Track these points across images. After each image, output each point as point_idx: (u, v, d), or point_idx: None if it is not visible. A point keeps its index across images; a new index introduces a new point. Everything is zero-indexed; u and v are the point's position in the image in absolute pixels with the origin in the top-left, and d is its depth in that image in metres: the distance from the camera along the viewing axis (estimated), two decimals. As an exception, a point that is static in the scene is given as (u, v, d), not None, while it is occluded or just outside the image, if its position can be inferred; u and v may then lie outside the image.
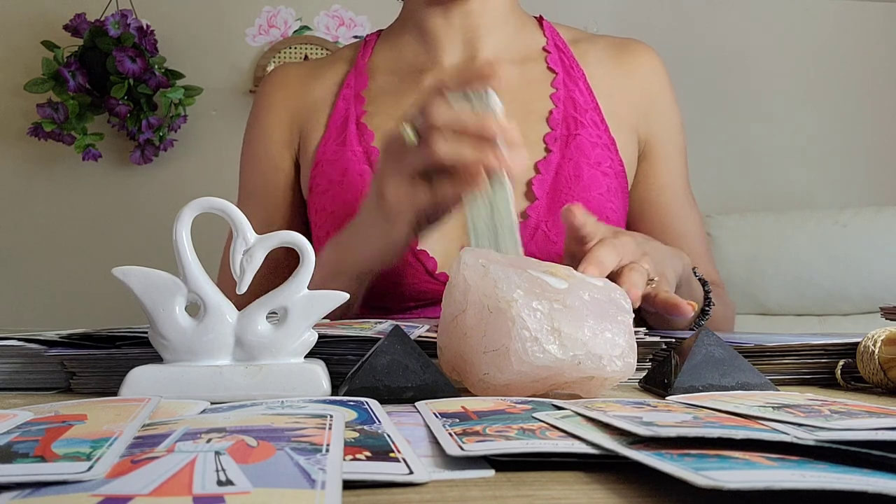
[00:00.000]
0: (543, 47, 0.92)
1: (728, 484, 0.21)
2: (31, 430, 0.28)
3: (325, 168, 0.86)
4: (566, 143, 0.85)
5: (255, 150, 0.96)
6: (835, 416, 0.30)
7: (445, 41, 0.89)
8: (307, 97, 0.93)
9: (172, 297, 0.40)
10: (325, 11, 2.36)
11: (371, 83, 0.90)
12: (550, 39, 0.93)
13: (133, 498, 0.20)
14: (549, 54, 0.91)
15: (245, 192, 0.97)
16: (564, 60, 0.91)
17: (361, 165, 0.84)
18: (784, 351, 0.51)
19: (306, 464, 0.23)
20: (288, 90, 0.94)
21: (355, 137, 0.86)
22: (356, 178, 0.83)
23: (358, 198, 0.82)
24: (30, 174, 2.26)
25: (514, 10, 0.92)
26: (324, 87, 0.92)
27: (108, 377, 0.46)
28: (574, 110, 0.87)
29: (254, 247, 0.42)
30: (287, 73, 0.97)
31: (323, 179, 0.86)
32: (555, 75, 0.90)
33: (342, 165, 0.85)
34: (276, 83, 0.96)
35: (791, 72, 2.39)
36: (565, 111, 0.87)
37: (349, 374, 0.43)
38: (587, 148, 0.85)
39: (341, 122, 0.88)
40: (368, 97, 0.89)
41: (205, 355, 0.41)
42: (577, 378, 0.41)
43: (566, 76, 0.90)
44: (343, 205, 0.83)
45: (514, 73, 0.89)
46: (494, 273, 0.41)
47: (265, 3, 2.34)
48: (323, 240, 0.84)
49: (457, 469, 0.26)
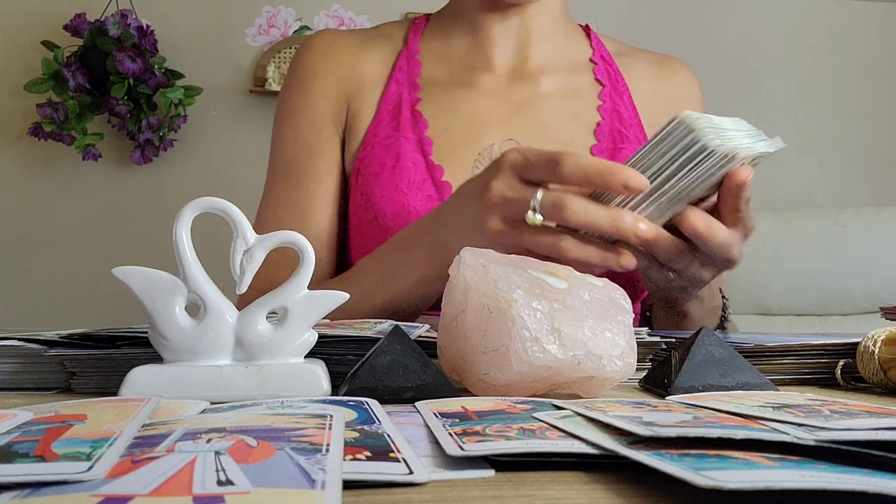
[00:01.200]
0: (590, 58, 0.93)
1: (728, 484, 0.21)
2: (31, 430, 0.28)
3: (376, 151, 0.84)
4: (612, 157, 0.86)
5: (296, 121, 0.89)
6: (835, 416, 0.30)
7: (499, 41, 0.89)
8: (356, 69, 0.89)
9: (172, 297, 0.40)
10: (325, 11, 2.36)
11: (423, 71, 0.89)
12: (597, 50, 0.94)
13: (133, 498, 0.20)
14: (597, 65, 0.92)
15: (280, 171, 0.89)
16: (610, 73, 0.92)
17: (415, 154, 0.83)
18: (784, 351, 0.51)
19: (306, 464, 0.23)
20: (335, 58, 0.90)
21: (409, 124, 0.85)
22: (409, 165, 0.82)
23: (409, 185, 0.81)
24: (30, 174, 2.26)
25: (564, 16, 0.93)
26: (374, 63, 0.89)
27: (108, 377, 0.46)
28: (620, 124, 0.88)
29: (254, 247, 0.42)
30: (335, 39, 0.92)
31: (374, 162, 0.83)
32: (602, 87, 0.90)
33: (396, 150, 0.83)
34: (323, 49, 0.91)
35: (791, 71, 2.39)
36: (611, 124, 0.88)
37: (349, 374, 0.43)
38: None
39: (395, 106, 0.86)
40: (422, 84, 0.88)
41: (205, 355, 0.41)
42: (577, 378, 0.41)
43: (612, 89, 0.91)
44: (393, 190, 0.81)
45: (561, 81, 0.90)
46: (494, 273, 0.41)
47: (265, 3, 2.34)
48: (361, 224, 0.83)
49: (457, 469, 0.26)
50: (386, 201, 0.81)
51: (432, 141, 0.84)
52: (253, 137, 2.21)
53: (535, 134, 0.86)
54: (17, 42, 2.24)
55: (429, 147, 0.83)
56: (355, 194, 0.85)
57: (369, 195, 0.83)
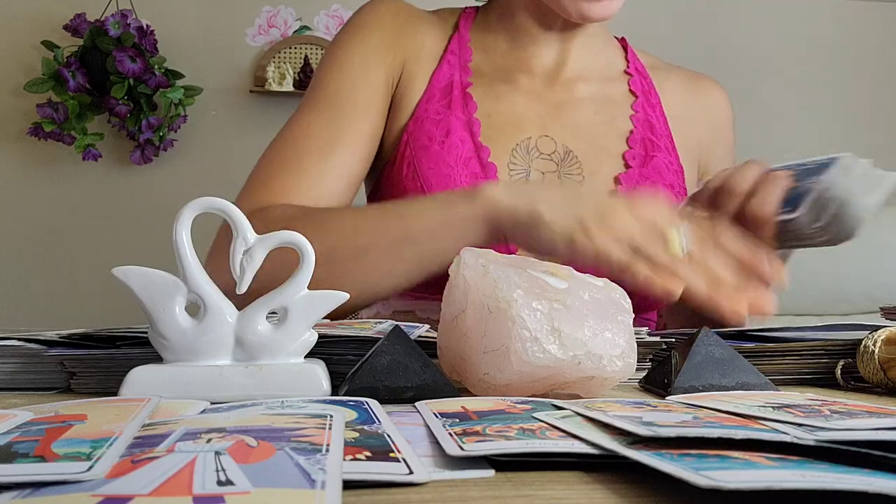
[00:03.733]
0: (625, 70, 0.95)
1: (728, 484, 0.21)
2: (31, 430, 0.28)
3: (427, 125, 0.85)
4: (644, 163, 0.88)
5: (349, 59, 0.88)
6: (835, 416, 0.30)
7: (541, 46, 0.91)
8: (416, 37, 0.91)
9: (172, 297, 0.40)
10: (324, 11, 2.36)
11: (473, 57, 0.91)
12: (632, 63, 0.96)
13: (133, 498, 0.20)
14: (632, 77, 0.94)
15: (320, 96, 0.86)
16: (644, 85, 0.94)
17: (463, 132, 0.84)
18: (784, 351, 0.51)
19: (306, 464, 0.23)
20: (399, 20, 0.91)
21: (460, 104, 0.86)
22: (457, 142, 0.84)
23: (456, 160, 0.82)
24: (30, 174, 2.26)
25: (604, 26, 0.94)
26: (431, 37, 0.91)
27: (107, 377, 0.46)
28: (651, 133, 0.90)
29: (254, 247, 0.42)
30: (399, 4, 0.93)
31: (422, 135, 0.85)
32: (635, 98, 0.92)
33: (446, 127, 0.85)
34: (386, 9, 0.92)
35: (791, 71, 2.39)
36: (643, 133, 0.90)
37: (349, 374, 0.43)
38: (663, 170, 0.88)
39: (446, 85, 0.88)
40: (472, 70, 0.90)
41: (205, 355, 0.40)
42: (577, 378, 0.41)
43: (645, 100, 0.92)
44: (441, 163, 0.83)
45: (596, 89, 0.92)
46: (494, 273, 0.41)
47: (265, 3, 2.34)
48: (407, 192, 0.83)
49: (457, 469, 0.26)
50: (433, 174, 0.83)
51: (480, 122, 0.86)
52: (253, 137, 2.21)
53: (569, 133, 0.88)
54: (17, 42, 2.24)
55: (477, 128, 0.85)
56: (402, 164, 0.85)
57: (417, 166, 0.84)
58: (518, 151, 0.86)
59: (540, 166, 0.85)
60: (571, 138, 0.87)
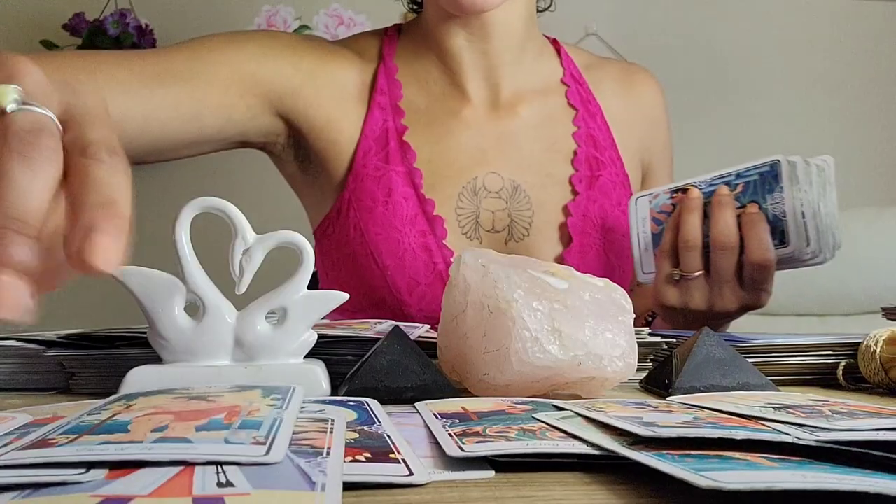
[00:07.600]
0: (562, 79, 0.92)
1: (729, 485, 0.21)
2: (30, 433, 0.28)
3: (367, 184, 0.82)
4: (590, 185, 0.86)
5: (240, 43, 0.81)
6: (836, 417, 0.30)
7: (468, 68, 0.86)
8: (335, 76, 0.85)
9: (171, 298, 0.40)
10: (324, 10, 2.36)
11: (404, 93, 0.86)
12: (567, 69, 0.93)
13: (133, 499, 0.20)
14: (569, 87, 0.91)
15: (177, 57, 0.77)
16: (582, 94, 0.92)
17: (405, 187, 0.82)
18: (785, 351, 0.51)
19: (306, 466, 0.23)
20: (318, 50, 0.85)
21: (398, 155, 0.83)
22: (400, 200, 0.81)
23: (403, 221, 0.80)
24: (29, 174, 2.26)
25: (530, 33, 0.89)
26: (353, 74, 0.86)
27: (107, 377, 0.46)
28: (595, 149, 0.89)
29: (253, 247, 0.42)
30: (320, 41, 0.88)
31: (365, 196, 0.82)
32: (575, 112, 0.90)
33: (387, 184, 0.82)
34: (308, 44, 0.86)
35: (791, 72, 2.39)
36: (587, 151, 0.88)
37: (349, 375, 0.43)
38: (609, 189, 0.87)
39: (381, 135, 0.84)
40: (405, 110, 0.85)
41: (204, 355, 0.40)
42: (577, 378, 0.41)
43: (585, 112, 0.91)
44: (387, 227, 0.81)
45: (537, 108, 0.89)
46: (495, 273, 0.41)
47: (264, 3, 2.34)
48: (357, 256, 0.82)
49: (457, 470, 0.26)
50: (381, 238, 0.81)
51: (422, 172, 0.83)
52: (252, 137, 2.21)
53: (514, 165, 0.85)
54: (16, 42, 2.24)
55: (419, 179, 0.82)
56: (347, 224, 0.83)
57: (364, 230, 0.82)
58: (465, 195, 0.83)
59: (489, 206, 0.83)
60: (517, 170, 0.85)
